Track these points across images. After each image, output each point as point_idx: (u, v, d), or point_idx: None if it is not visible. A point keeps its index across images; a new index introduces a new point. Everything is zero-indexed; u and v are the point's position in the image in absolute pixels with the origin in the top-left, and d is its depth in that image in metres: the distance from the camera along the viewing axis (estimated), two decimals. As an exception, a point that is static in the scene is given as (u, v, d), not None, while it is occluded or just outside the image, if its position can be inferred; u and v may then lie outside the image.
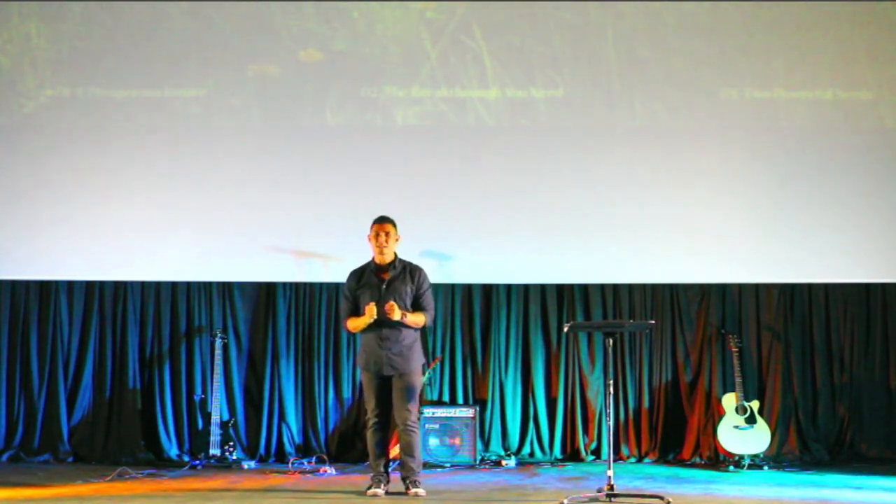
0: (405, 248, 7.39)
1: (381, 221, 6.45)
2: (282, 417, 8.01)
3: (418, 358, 6.39)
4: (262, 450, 7.95)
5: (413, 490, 6.21)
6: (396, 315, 6.17)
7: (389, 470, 7.20)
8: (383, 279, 6.35)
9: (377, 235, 6.39)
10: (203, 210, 7.75)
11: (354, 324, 6.36)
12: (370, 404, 6.37)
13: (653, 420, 8.07)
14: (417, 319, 6.32)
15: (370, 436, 6.35)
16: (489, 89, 7.81)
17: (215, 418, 7.65)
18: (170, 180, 7.76)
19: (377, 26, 7.82)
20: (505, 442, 8.02)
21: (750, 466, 7.48)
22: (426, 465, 7.21)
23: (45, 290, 8.02)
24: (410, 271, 6.41)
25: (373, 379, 6.33)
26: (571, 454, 7.99)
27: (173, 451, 7.87)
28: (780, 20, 7.83)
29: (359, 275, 6.45)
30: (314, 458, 7.72)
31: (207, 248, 7.77)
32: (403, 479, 6.30)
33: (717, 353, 8.04)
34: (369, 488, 6.27)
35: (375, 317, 6.21)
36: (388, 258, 6.39)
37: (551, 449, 7.99)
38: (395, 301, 6.23)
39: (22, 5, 7.84)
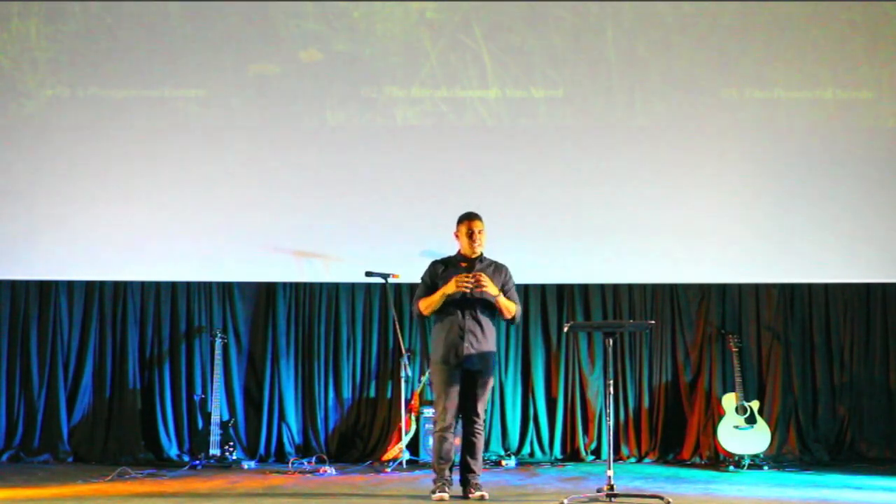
0: (405, 248, 7.41)
1: (473, 218, 6.12)
2: (282, 417, 8.01)
3: (496, 360, 6.20)
4: (262, 450, 7.95)
5: (477, 493, 5.97)
6: (493, 289, 5.90)
7: (389, 470, 7.20)
8: (470, 270, 6.04)
9: (470, 234, 6.07)
10: (203, 210, 7.75)
11: (428, 301, 6.02)
12: (443, 402, 5.97)
13: (653, 420, 8.07)
14: (510, 305, 6.04)
15: (439, 440, 5.97)
16: (489, 89, 7.81)
17: (215, 418, 7.65)
18: (170, 180, 7.76)
19: (377, 26, 7.82)
20: (505, 442, 8.02)
21: (750, 466, 7.48)
22: (426, 466, 7.21)
23: (45, 290, 8.02)
24: (497, 268, 6.13)
25: (450, 373, 5.97)
26: (571, 454, 7.99)
27: (173, 451, 7.87)
28: (780, 20, 7.83)
29: (444, 263, 6.15)
30: (314, 458, 7.72)
31: (207, 248, 7.77)
32: (464, 483, 6.05)
33: (717, 353, 8.04)
34: (434, 492, 5.94)
35: (466, 285, 5.87)
36: (478, 254, 6.12)
37: (551, 449, 7.99)
38: (482, 294, 5.96)
39: (22, 5, 7.84)
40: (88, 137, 7.78)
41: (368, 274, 7.47)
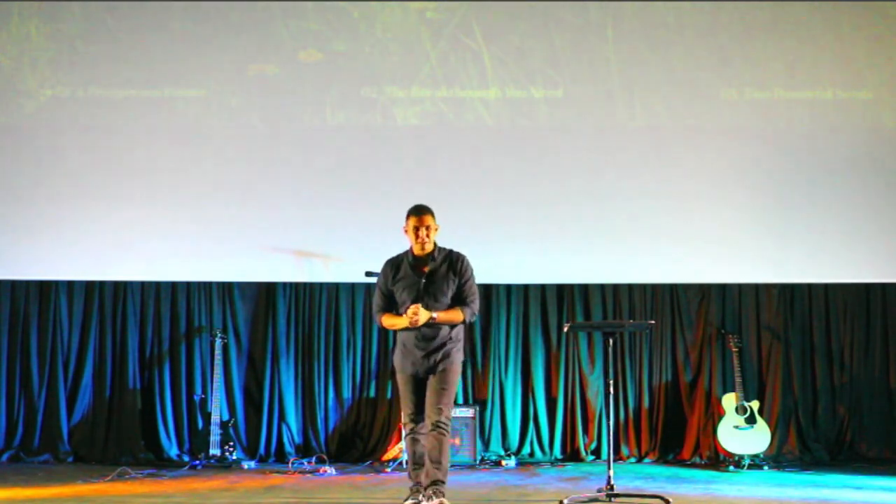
0: (405, 247, 7.38)
1: (420, 213, 5.76)
2: (282, 417, 8.01)
3: (458, 356, 5.78)
4: (262, 450, 7.94)
5: (436, 501, 5.58)
6: (423, 319, 5.60)
7: (389, 470, 7.19)
8: (422, 273, 5.74)
9: (416, 230, 5.73)
10: (203, 210, 7.75)
11: (391, 321, 5.77)
12: (406, 409, 5.78)
13: (653, 420, 8.07)
14: (452, 316, 5.70)
15: (408, 444, 5.83)
16: (489, 89, 7.81)
17: (215, 418, 7.65)
18: (170, 180, 7.76)
19: (377, 26, 7.82)
20: (505, 442, 8.02)
21: (750, 466, 7.48)
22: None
23: (45, 290, 8.02)
24: (452, 261, 5.78)
25: (409, 381, 5.76)
26: (571, 454, 7.99)
27: (173, 451, 7.87)
28: (780, 20, 7.83)
29: (395, 266, 5.82)
30: (314, 458, 7.72)
31: (207, 248, 7.77)
32: (424, 487, 5.68)
33: (717, 353, 8.04)
34: (406, 499, 5.75)
35: (419, 322, 5.61)
36: (428, 249, 5.79)
37: (551, 449, 7.99)
38: (436, 296, 5.68)
39: (22, 5, 7.84)
40: (88, 137, 7.78)
41: (368, 274, 7.45)
